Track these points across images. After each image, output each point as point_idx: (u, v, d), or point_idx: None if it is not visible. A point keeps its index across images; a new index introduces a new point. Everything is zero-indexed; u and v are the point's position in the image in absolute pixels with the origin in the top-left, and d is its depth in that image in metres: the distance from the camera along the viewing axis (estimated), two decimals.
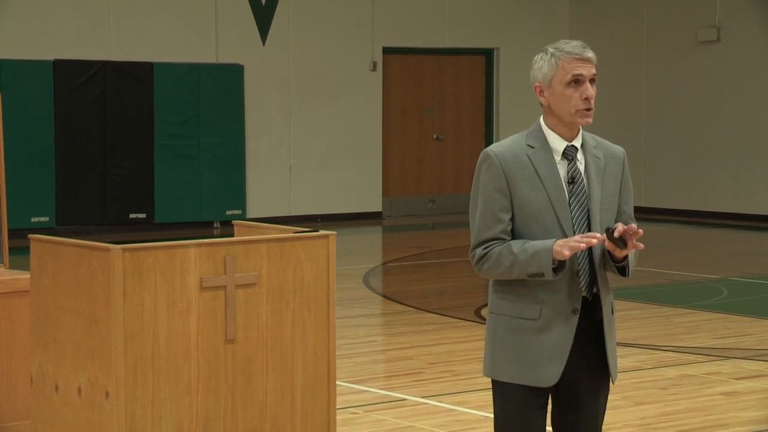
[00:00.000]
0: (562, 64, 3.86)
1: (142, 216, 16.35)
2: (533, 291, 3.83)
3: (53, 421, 4.49)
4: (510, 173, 3.82)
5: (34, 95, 15.49)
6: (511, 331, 3.87)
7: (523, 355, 3.84)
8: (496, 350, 3.90)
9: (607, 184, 3.92)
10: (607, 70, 19.47)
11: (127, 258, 4.20)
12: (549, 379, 3.84)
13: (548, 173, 3.83)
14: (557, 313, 3.83)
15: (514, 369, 3.86)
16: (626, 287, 11.75)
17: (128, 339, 4.20)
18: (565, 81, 3.85)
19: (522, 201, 3.81)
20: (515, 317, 3.86)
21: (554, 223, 3.81)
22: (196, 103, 16.59)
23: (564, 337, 3.83)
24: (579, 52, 3.88)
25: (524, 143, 3.89)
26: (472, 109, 19.52)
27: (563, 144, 3.89)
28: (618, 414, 6.85)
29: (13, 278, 5.85)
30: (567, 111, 3.86)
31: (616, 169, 3.98)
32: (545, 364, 3.83)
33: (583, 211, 3.85)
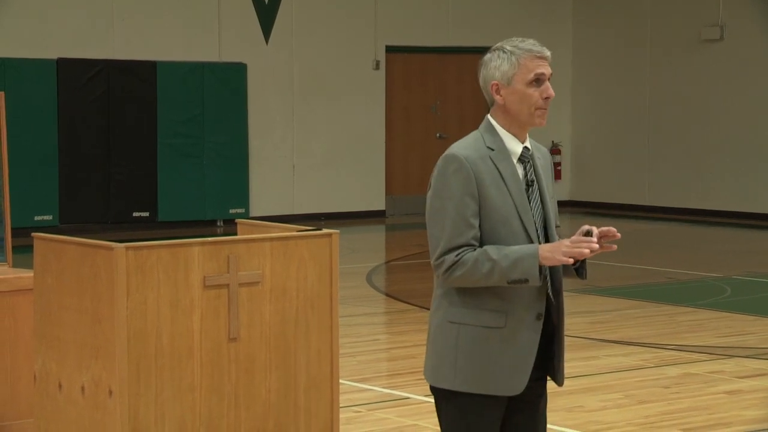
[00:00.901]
0: (523, 62, 3.78)
1: (146, 215, 16.36)
2: (498, 299, 3.72)
3: (56, 420, 4.49)
4: (479, 177, 3.69)
5: (38, 94, 15.50)
6: (476, 341, 3.73)
7: (490, 365, 3.73)
8: (460, 361, 3.74)
9: (548, 184, 3.88)
10: (610, 69, 19.46)
11: (131, 256, 4.21)
12: (517, 387, 3.76)
13: (511, 177, 3.74)
14: (522, 320, 3.74)
15: (481, 379, 3.74)
16: (629, 286, 11.74)
17: (131, 337, 4.21)
18: (527, 80, 3.76)
19: (491, 205, 3.70)
20: (479, 326, 3.73)
21: (519, 227, 3.73)
22: (199, 102, 16.59)
23: (530, 343, 3.75)
24: (539, 50, 3.82)
25: (484, 145, 3.76)
26: (475, 107, 19.50)
27: (519, 146, 3.81)
28: (621, 412, 6.85)
29: (16, 276, 5.86)
30: (526, 110, 3.77)
31: (549, 168, 3.93)
32: (513, 372, 3.74)
33: (539, 212, 3.80)
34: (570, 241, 3.64)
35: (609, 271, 12.86)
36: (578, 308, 10.59)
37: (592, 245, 3.64)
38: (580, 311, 10.37)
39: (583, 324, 9.69)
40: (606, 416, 6.80)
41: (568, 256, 3.63)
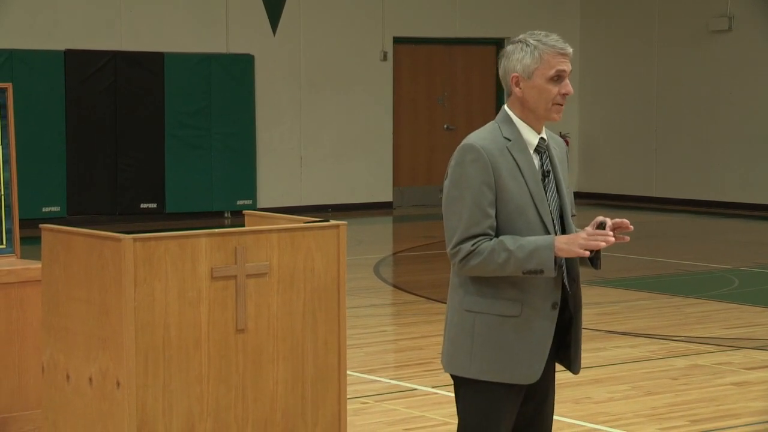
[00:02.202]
0: (546, 57, 3.80)
1: (153, 206, 16.37)
2: (513, 288, 3.77)
3: (64, 411, 4.50)
4: (496, 167, 3.75)
5: (46, 85, 15.51)
6: (491, 330, 3.79)
7: (506, 353, 3.78)
8: (476, 349, 3.80)
9: (565, 176, 3.93)
10: (618, 60, 19.42)
11: (138, 248, 4.21)
12: (532, 375, 3.81)
13: (527, 167, 3.79)
14: (537, 309, 3.79)
15: (498, 367, 3.79)
16: (637, 277, 11.73)
17: (139, 329, 4.21)
18: (548, 75, 3.79)
19: (507, 196, 3.74)
20: (495, 315, 3.79)
21: (536, 217, 3.77)
22: (207, 94, 16.60)
23: (545, 332, 3.80)
24: (562, 46, 3.84)
25: (501, 136, 3.81)
26: (482, 98, 19.49)
27: (536, 137, 3.85)
28: (628, 404, 6.85)
29: (24, 268, 5.87)
30: (544, 105, 3.80)
31: (565, 158, 3.98)
32: (528, 360, 3.79)
33: (556, 204, 3.84)
34: (586, 234, 3.68)
35: (617, 262, 12.85)
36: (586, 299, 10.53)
37: (608, 238, 3.68)
38: (588, 302, 10.33)
39: (591, 315, 9.68)
40: (613, 408, 6.79)
41: (584, 248, 3.67)
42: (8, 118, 6.27)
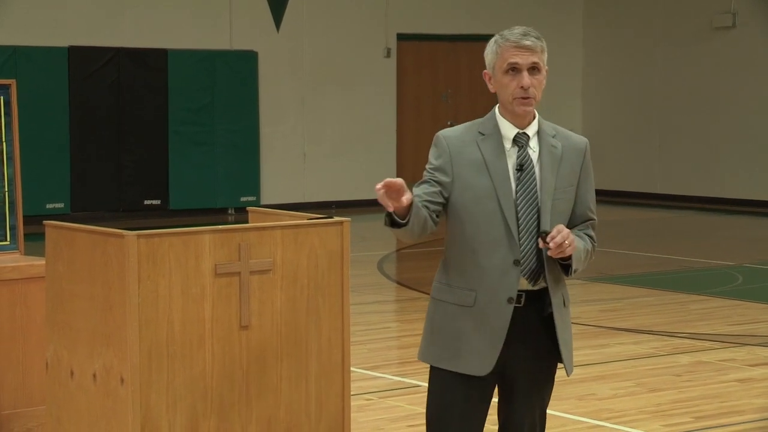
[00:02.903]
0: (501, 51, 3.85)
1: (157, 202, 16.38)
2: (468, 278, 3.82)
3: (68, 407, 4.50)
4: (456, 156, 3.81)
5: (49, 82, 15.52)
6: (448, 318, 3.85)
7: (458, 342, 3.82)
8: (434, 336, 3.89)
9: (563, 174, 3.87)
10: (622, 57, 19.41)
11: (142, 244, 4.21)
12: (482, 368, 3.81)
13: (495, 160, 3.81)
14: (492, 301, 3.80)
15: (449, 355, 3.83)
16: (640, 274, 11.73)
17: (143, 325, 4.21)
18: (503, 69, 3.84)
19: (465, 185, 3.79)
20: (452, 303, 3.85)
21: (496, 209, 3.78)
22: (210, 90, 16.60)
23: (498, 326, 3.80)
24: (517, 39, 3.84)
25: (476, 130, 3.87)
26: (486, 95, 19.42)
27: (514, 131, 3.85)
28: (632, 401, 6.85)
29: (28, 264, 5.87)
30: (506, 98, 3.84)
31: (575, 159, 3.93)
32: (479, 352, 3.80)
33: (530, 199, 3.81)
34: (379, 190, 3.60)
35: (621, 259, 12.84)
36: (590, 296, 10.58)
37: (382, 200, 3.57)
38: (592, 299, 10.37)
39: (594, 312, 9.68)
40: (617, 404, 6.79)
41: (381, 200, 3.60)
42: (12, 115, 6.27)
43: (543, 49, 3.89)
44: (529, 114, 3.85)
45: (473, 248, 3.81)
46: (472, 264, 3.81)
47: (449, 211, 3.86)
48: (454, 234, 3.87)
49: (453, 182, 3.80)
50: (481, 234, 3.80)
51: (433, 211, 3.80)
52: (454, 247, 3.88)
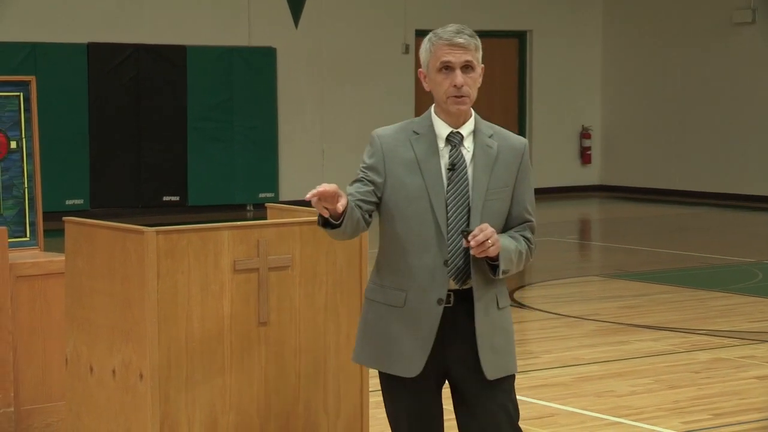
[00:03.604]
0: (434, 50, 3.77)
1: (176, 199, 16.41)
2: (399, 278, 3.77)
3: (88, 403, 4.52)
4: (388, 155, 3.77)
5: (69, 78, 15.57)
6: (378, 318, 3.81)
7: (389, 343, 3.78)
8: (366, 337, 3.85)
9: (498, 174, 3.80)
10: (640, 52, 19.35)
11: (161, 240, 4.22)
12: (411, 369, 3.75)
13: (427, 159, 3.76)
14: (421, 302, 3.74)
15: (380, 356, 3.80)
16: (659, 270, 11.69)
17: (162, 321, 4.22)
18: (436, 67, 3.76)
19: (398, 184, 3.76)
20: (383, 304, 3.80)
21: (427, 208, 3.73)
22: (229, 87, 16.62)
23: (427, 327, 3.74)
24: (449, 37, 3.75)
25: (411, 129, 3.81)
26: (504, 92, 19.45)
27: (448, 130, 3.79)
28: (651, 397, 6.83)
29: (48, 260, 5.89)
30: (440, 97, 3.78)
31: (512, 159, 3.84)
32: (408, 353, 3.75)
33: (461, 198, 3.75)
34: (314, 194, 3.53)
35: (639, 255, 12.82)
36: (609, 293, 10.56)
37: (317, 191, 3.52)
38: (611, 296, 10.35)
39: (613, 309, 9.67)
40: (636, 401, 6.78)
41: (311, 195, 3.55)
42: (32, 111, 6.29)
43: (477, 47, 3.80)
44: (463, 113, 3.80)
45: (404, 248, 3.76)
46: (403, 264, 3.77)
47: (382, 211, 3.82)
48: (387, 233, 3.82)
49: (385, 182, 3.77)
50: (412, 234, 3.75)
51: (366, 210, 3.76)
52: (386, 246, 3.84)
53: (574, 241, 14.84)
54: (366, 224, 3.79)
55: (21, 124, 6.27)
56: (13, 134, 6.26)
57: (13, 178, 6.25)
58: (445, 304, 3.75)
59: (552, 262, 12.54)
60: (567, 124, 19.73)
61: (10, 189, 6.24)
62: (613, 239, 14.96)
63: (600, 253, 13.93)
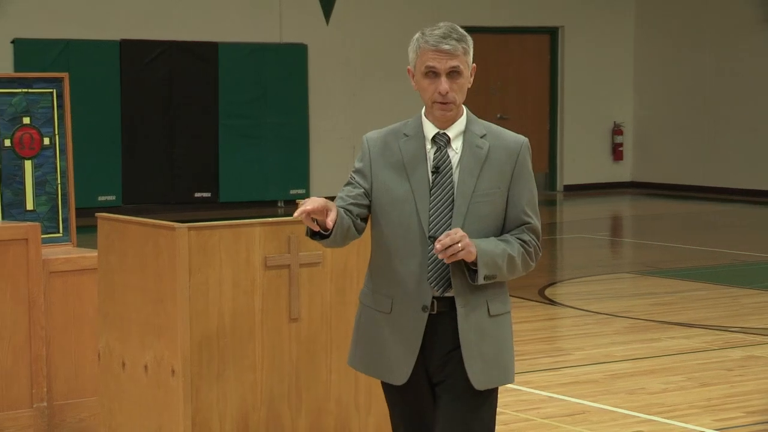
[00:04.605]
0: (421, 52, 3.65)
1: (207, 195, 16.46)
2: (386, 283, 3.68)
3: (120, 398, 4.54)
4: (375, 158, 3.68)
5: (101, 75, 15.64)
6: (369, 323, 3.74)
7: (377, 349, 3.71)
8: (359, 341, 3.79)
9: (487, 176, 3.64)
10: (673, 49, 19.24)
11: (193, 237, 4.23)
12: (398, 377, 3.67)
13: (414, 162, 3.65)
14: (407, 308, 3.64)
15: (369, 362, 3.74)
16: (692, 268, 11.62)
17: (194, 317, 4.24)
18: (422, 71, 3.65)
19: (383, 187, 3.66)
20: (373, 309, 3.72)
21: (412, 211, 3.62)
22: (260, 83, 16.65)
23: (413, 334, 3.64)
24: (435, 43, 3.61)
25: (401, 132, 3.72)
26: (536, 88, 19.40)
27: (434, 131, 3.68)
28: (683, 395, 6.80)
29: (80, 256, 5.93)
30: (426, 101, 3.69)
31: (505, 159, 3.67)
32: (394, 361, 3.66)
33: (445, 201, 3.62)
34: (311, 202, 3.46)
35: (672, 252, 12.75)
36: (641, 290, 10.52)
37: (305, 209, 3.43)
38: (643, 293, 10.30)
39: (645, 306, 9.63)
40: (668, 398, 6.75)
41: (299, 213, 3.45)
42: (65, 108, 6.33)
43: (466, 51, 3.67)
44: (447, 118, 3.67)
45: (391, 253, 3.66)
46: (390, 269, 3.67)
47: (371, 215, 3.73)
48: (375, 238, 3.74)
49: (372, 185, 3.68)
50: (398, 238, 3.64)
51: (357, 215, 3.67)
52: (375, 251, 3.75)
53: (606, 238, 14.79)
54: (358, 231, 3.68)
55: (54, 120, 6.31)
56: (46, 131, 6.29)
57: (46, 175, 6.29)
58: (430, 312, 3.63)
59: (584, 259, 12.50)
60: (599, 121, 19.65)
61: (44, 185, 6.28)
62: (645, 236, 14.89)
63: (632, 250, 13.87)
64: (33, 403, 5.70)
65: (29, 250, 5.66)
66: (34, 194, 6.26)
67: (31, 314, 5.67)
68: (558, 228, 16.07)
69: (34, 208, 6.26)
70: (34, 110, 6.25)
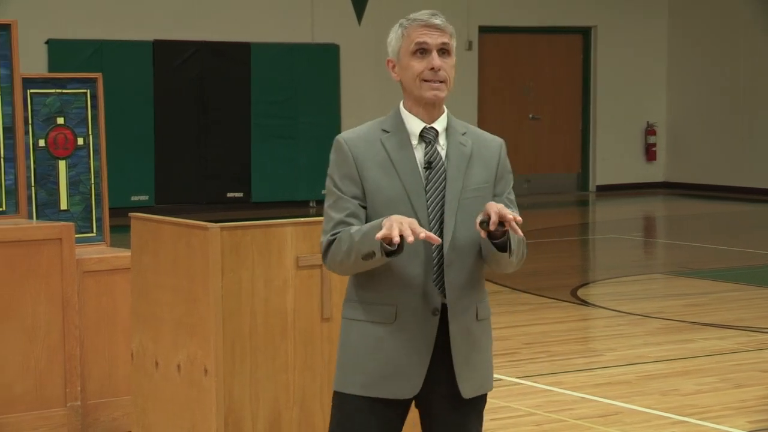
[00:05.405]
0: (408, 33, 3.48)
1: (240, 195, 16.51)
2: (387, 290, 3.40)
3: (153, 397, 4.56)
4: (360, 159, 3.43)
5: (135, 75, 15.71)
6: (364, 339, 3.43)
7: (378, 363, 3.40)
8: (348, 359, 3.46)
9: (474, 173, 3.48)
10: (706, 47, 19.14)
11: (225, 237, 4.24)
12: (408, 390, 3.41)
13: (402, 158, 3.44)
14: (415, 315, 3.40)
15: (368, 380, 3.41)
16: (726, 268, 11.56)
17: (226, 317, 4.24)
18: (410, 50, 3.46)
19: (374, 188, 3.42)
20: (368, 322, 3.43)
21: (409, 211, 3.38)
22: (292, 83, 16.68)
23: (423, 341, 3.40)
24: (425, 18, 3.48)
25: (379, 129, 3.50)
26: (568, 88, 19.34)
27: (421, 126, 3.48)
28: (717, 396, 6.76)
29: (114, 256, 5.96)
30: (413, 83, 3.46)
31: (489, 156, 3.54)
32: (404, 373, 3.40)
33: (439, 198, 3.44)
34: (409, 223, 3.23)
35: (706, 253, 12.69)
36: (674, 291, 10.46)
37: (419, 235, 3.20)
38: (676, 294, 10.25)
39: (678, 307, 9.58)
40: (701, 400, 6.71)
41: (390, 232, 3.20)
42: (98, 108, 6.36)
43: (452, 35, 3.53)
44: (440, 100, 3.48)
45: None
46: (390, 275, 3.40)
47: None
48: None
49: (364, 188, 3.43)
50: None
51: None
52: None
53: (639, 239, 14.73)
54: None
55: (88, 120, 6.34)
56: (80, 131, 6.33)
57: (80, 174, 6.32)
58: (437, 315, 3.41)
59: (616, 260, 12.45)
60: (632, 121, 19.57)
61: (77, 185, 6.32)
62: (678, 236, 14.82)
63: (664, 251, 13.81)
64: (67, 402, 5.73)
65: (63, 249, 5.69)
66: (68, 194, 6.30)
67: (65, 314, 5.71)
68: (590, 228, 16.01)
69: (68, 208, 6.29)
70: (68, 110, 6.29)
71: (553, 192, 19.11)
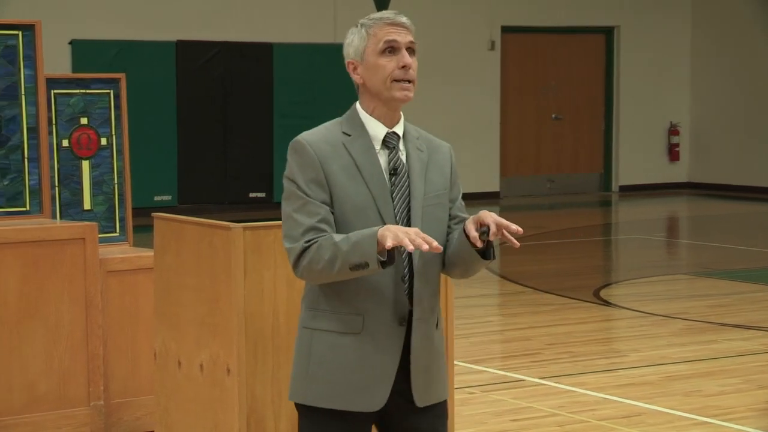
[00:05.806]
0: (373, 32, 3.39)
1: (262, 195, 16.54)
2: (353, 300, 3.30)
3: (176, 397, 4.57)
4: (326, 163, 3.31)
5: (158, 76, 15.76)
6: (329, 349, 3.32)
7: (345, 376, 3.31)
8: (312, 371, 3.35)
9: (432, 179, 3.42)
10: (730, 48, 19.06)
11: (248, 236, 4.25)
12: (375, 402, 3.31)
13: (368, 164, 3.33)
14: (382, 324, 3.30)
15: (334, 393, 3.31)
16: (750, 269, 11.51)
17: (248, 317, 4.25)
18: (378, 49, 3.38)
19: (341, 194, 3.30)
20: (332, 332, 3.32)
21: (377, 218, 3.28)
22: (314, 84, 16.70)
23: (390, 351, 3.31)
24: (392, 17, 3.41)
25: (339, 131, 3.40)
26: (591, 88, 19.29)
27: (383, 131, 3.39)
28: (741, 397, 6.73)
29: (137, 255, 5.97)
30: (381, 84, 3.37)
31: (443, 161, 3.48)
32: (370, 385, 3.30)
33: (405, 205, 3.35)
34: (415, 232, 3.13)
35: (730, 254, 12.64)
36: (697, 292, 10.42)
37: (422, 245, 3.10)
38: (699, 295, 10.21)
39: (701, 307, 9.54)
40: (725, 401, 6.68)
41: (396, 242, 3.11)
42: (121, 108, 6.39)
43: (414, 36, 3.46)
44: (408, 100, 3.41)
45: None
46: (359, 284, 3.28)
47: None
48: None
49: (332, 194, 3.31)
50: None
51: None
52: None
53: (662, 239, 14.68)
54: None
55: (111, 121, 6.37)
56: (103, 131, 6.35)
57: (103, 174, 6.35)
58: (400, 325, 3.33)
59: (639, 260, 12.41)
60: (655, 121, 19.51)
61: (101, 185, 6.34)
62: (702, 237, 14.76)
63: (688, 251, 13.76)
64: (90, 401, 5.75)
65: (86, 249, 5.71)
66: (91, 194, 6.32)
67: (88, 313, 5.73)
68: (613, 229, 15.97)
69: (91, 208, 6.32)
70: (91, 111, 6.32)
71: (576, 192, 19.07)
